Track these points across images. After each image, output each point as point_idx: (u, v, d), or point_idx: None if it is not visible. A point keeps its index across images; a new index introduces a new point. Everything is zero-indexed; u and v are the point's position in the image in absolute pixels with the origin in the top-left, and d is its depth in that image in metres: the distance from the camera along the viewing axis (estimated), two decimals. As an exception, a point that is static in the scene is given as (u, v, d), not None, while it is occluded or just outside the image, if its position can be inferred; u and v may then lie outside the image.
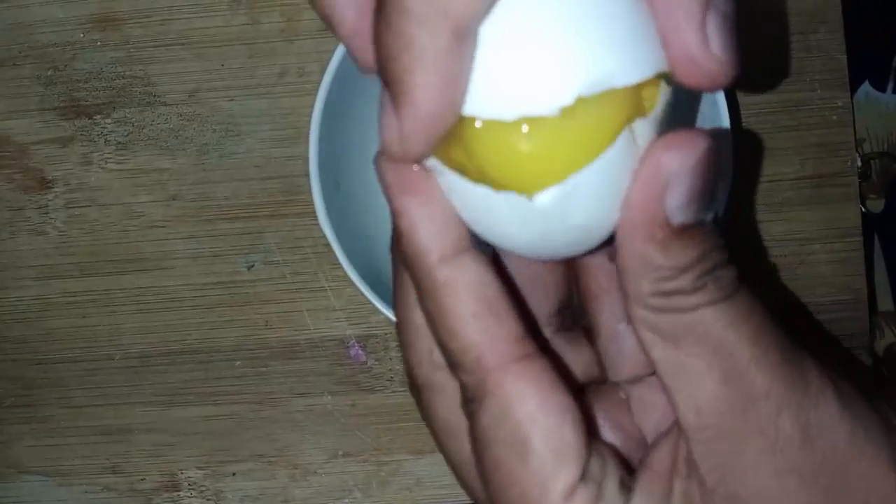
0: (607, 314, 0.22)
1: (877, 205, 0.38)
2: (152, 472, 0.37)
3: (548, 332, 0.23)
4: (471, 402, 0.19)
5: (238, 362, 0.37)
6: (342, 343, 0.37)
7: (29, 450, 0.37)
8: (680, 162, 0.17)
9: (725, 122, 0.30)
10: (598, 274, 0.23)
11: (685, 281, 0.17)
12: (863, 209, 0.36)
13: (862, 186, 0.36)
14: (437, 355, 0.20)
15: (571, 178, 0.17)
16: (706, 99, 0.30)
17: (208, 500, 0.37)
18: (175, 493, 0.37)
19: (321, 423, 0.37)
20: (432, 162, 0.18)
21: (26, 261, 0.37)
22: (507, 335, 0.19)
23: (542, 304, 0.22)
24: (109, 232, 0.37)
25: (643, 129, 0.17)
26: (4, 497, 0.37)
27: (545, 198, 0.17)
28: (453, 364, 0.19)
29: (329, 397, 0.37)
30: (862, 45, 0.36)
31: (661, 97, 0.18)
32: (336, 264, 0.31)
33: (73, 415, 0.37)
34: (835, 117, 0.36)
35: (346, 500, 0.37)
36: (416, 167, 0.18)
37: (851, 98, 0.36)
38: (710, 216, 0.18)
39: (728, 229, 0.18)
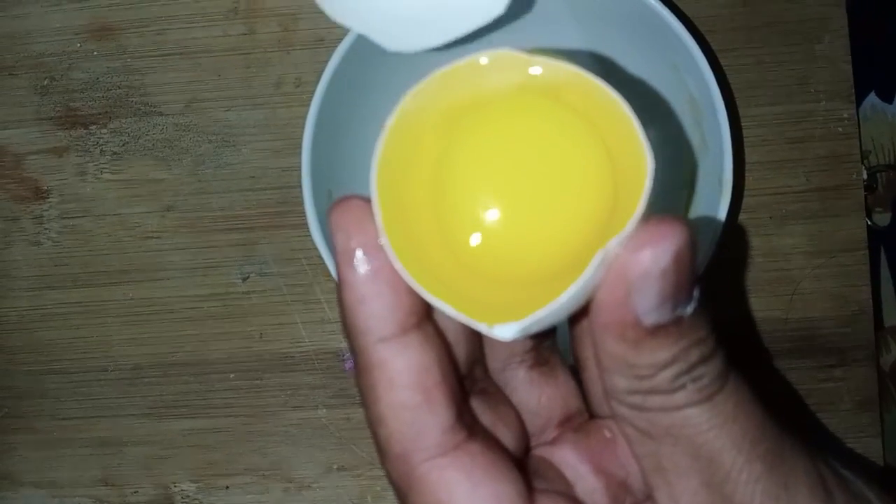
0: (590, 351, 0.21)
1: (883, 218, 0.37)
2: (145, 484, 0.37)
3: (520, 369, 0.21)
4: (399, 493, 0.18)
5: (232, 375, 0.37)
6: (337, 356, 0.36)
7: (21, 461, 0.37)
8: (648, 265, 0.15)
9: (726, 136, 0.29)
10: (582, 312, 0.22)
11: (662, 380, 0.16)
12: (868, 222, 0.35)
13: (868, 199, 0.36)
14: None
15: (533, 316, 0.16)
16: (707, 111, 0.30)
17: (202, 513, 0.37)
18: (169, 506, 0.37)
19: (316, 437, 0.37)
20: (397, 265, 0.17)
21: (20, 271, 0.37)
22: (437, 426, 0.17)
23: (516, 342, 0.21)
24: (104, 243, 0.37)
25: (616, 244, 0.16)
26: (-4, 509, 0.37)
27: (503, 331, 0.16)
28: (379, 448, 0.18)
29: (324, 411, 0.37)
30: (868, 55, 0.36)
31: (639, 206, 0.16)
32: (332, 276, 0.31)
33: (65, 426, 0.37)
34: (840, 129, 0.35)
35: (341, 516, 0.37)
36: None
37: (857, 109, 0.35)
38: (690, 308, 0.16)
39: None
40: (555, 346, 0.22)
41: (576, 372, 0.22)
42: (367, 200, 0.17)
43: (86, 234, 0.37)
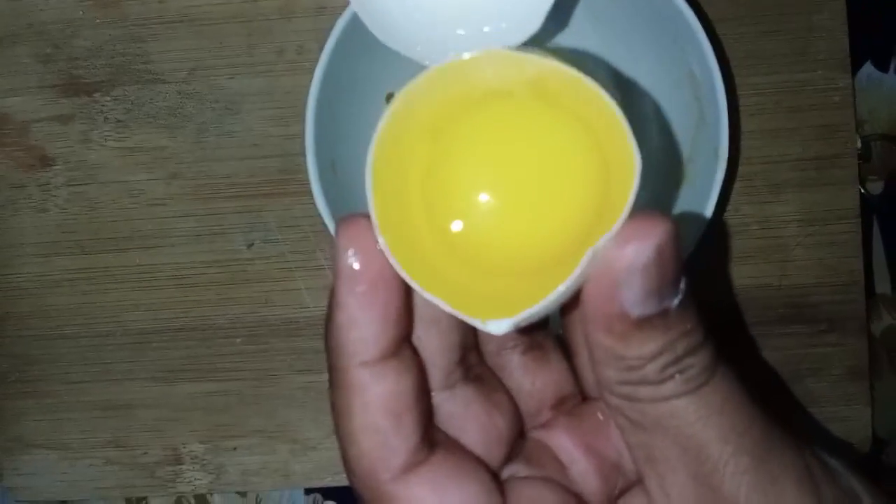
0: (581, 338, 0.22)
1: (876, 187, 0.38)
2: (154, 446, 0.38)
3: (514, 354, 0.22)
4: None
5: (238, 339, 0.37)
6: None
7: (33, 424, 0.38)
8: (632, 259, 0.16)
9: (723, 109, 0.29)
10: (573, 301, 0.22)
11: (650, 371, 0.17)
12: (862, 191, 0.36)
13: (862, 168, 0.36)
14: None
15: (525, 312, 0.17)
16: (705, 84, 0.30)
17: (210, 473, 0.38)
18: (177, 467, 0.38)
19: (321, 400, 0.38)
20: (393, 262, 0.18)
21: (28, 238, 0.38)
22: (405, 448, 0.18)
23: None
24: (109, 210, 0.37)
25: (605, 241, 0.16)
26: (10, 470, 0.38)
27: (496, 326, 0.17)
28: (346, 466, 0.19)
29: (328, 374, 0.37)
30: (865, 25, 0.36)
31: (627, 205, 0.17)
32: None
33: (75, 390, 0.38)
34: (836, 99, 0.36)
35: (345, 475, 0.38)
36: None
37: (853, 79, 0.35)
38: (676, 301, 0.17)
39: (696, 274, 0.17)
40: (548, 331, 0.23)
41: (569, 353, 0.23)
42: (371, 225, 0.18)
43: (92, 201, 0.37)
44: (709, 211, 0.30)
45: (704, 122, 0.31)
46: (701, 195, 0.31)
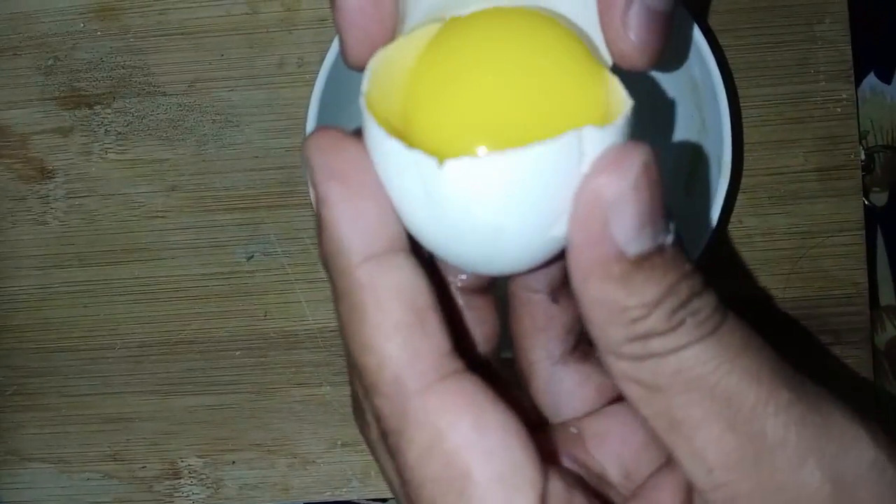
0: (541, 355, 0.21)
1: (880, 198, 0.37)
2: (153, 459, 0.38)
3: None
4: (390, 434, 0.16)
5: (237, 352, 0.37)
6: (340, 334, 0.37)
7: (31, 437, 0.38)
8: (619, 182, 0.14)
9: (726, 120, 0.29)
10: (535, 311, 0.20)
11: (658, 319, 0.15)
12: (866, 202, 0.36)
13: (865, 179, 0.36)
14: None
15: (488, 156, 0.15)
16: (708, 94, 0.30)
17: (208, 487, 0.38)
18: (176, 481, 0.38)
19: (320, 413, 0.37)
20: (367, 118, 0.16)
21: (27, 250, 0.38)
22: (433, 350, 0.16)
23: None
24: (109, 222, 0.37)
25: (594, 140, 0.15)
26: (7, 484, 0.38)
27: (454, 168, 0.15)
28: (366, 386, 0.16)
29: (328, 388, 0.37)
30: (868, 36, 0.36)
31: (624, 111, 0.16)
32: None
33: (74, 403, 0.38)
34: (839, 110, 0.35)
35: (345, 490, 0.37)
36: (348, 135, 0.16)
37: (856, 90, 0.35)
38: (669, 238, 0.15)
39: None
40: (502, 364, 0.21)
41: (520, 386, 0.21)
42: (344, 131, 0.16)
43: (91, 214, 0.37)
44: (712, 223, 0.30)
45: (707, 132, 0.31)
46: (704, 207, 0.30)
